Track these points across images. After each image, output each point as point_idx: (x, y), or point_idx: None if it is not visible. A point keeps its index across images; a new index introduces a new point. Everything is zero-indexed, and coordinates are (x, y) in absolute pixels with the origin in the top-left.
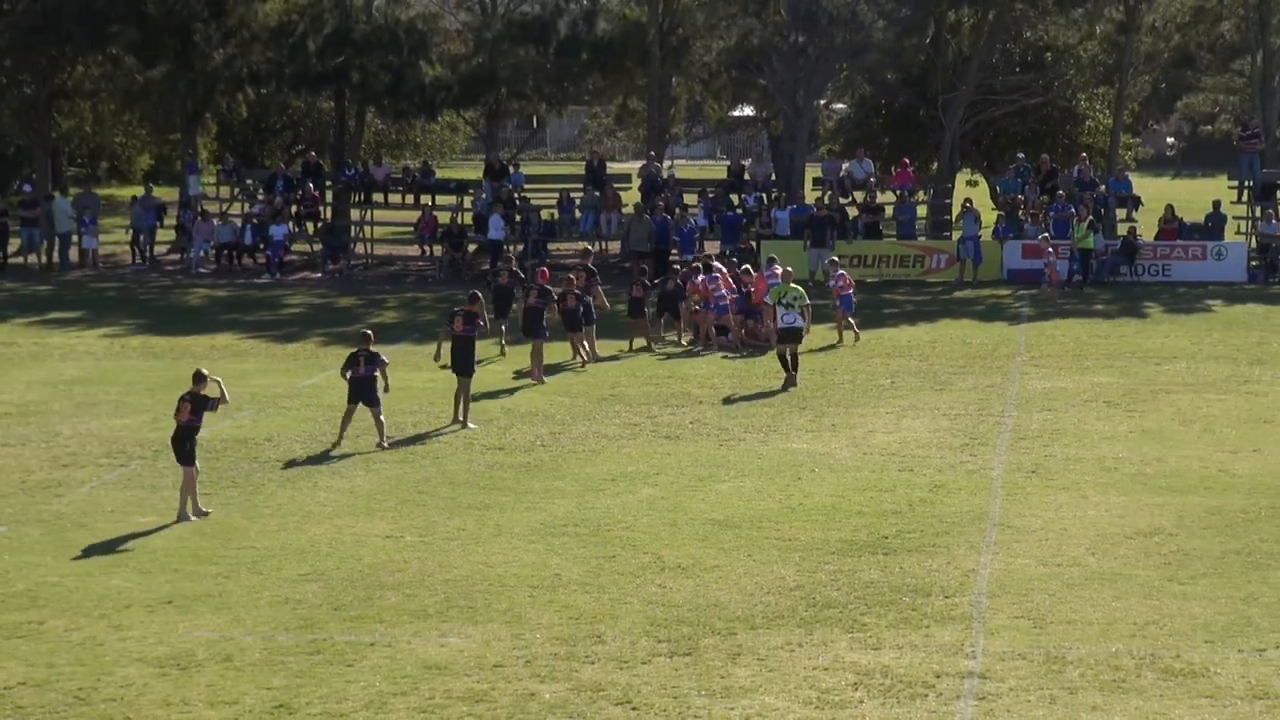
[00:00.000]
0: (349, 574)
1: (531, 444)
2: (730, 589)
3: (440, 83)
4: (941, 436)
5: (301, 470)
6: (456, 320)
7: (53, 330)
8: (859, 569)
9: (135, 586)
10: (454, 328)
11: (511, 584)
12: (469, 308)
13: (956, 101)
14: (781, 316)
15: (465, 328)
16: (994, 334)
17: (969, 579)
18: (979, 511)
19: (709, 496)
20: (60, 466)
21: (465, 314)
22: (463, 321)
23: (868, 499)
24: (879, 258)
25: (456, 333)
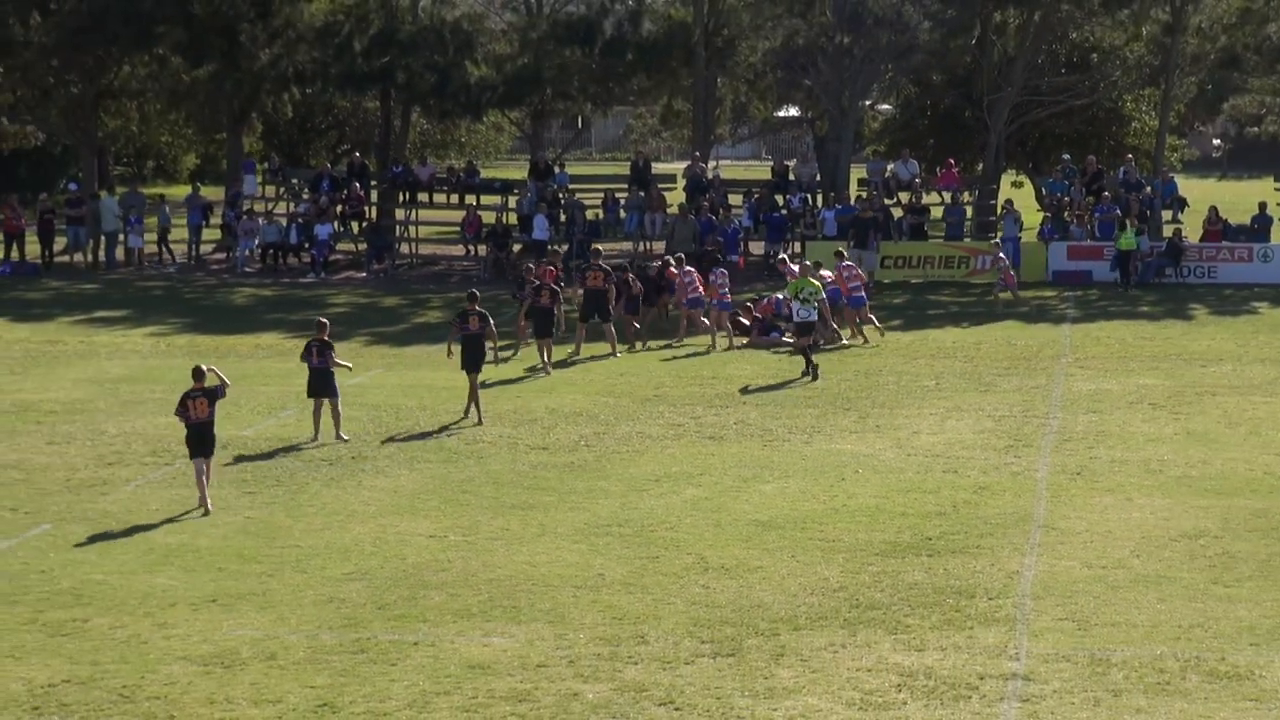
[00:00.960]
0: (393, 573)
1: (575, 444)
2: (774, 590)
3: (485, 83)
4: (986, 438)
5: (345, 469)
6: (472, 320)
7: (99, 329)
8: (903, 570)
9: (180, 585)
10: (469, 326)
11: (555, 584)
12: (474, 307)
13: (1002, 102)
14: (797, 311)
15: (480, 326)
16: (1039, 335)
17: (1013, 581)
18: (1023, 513)
19: (753, 497)
20: (105, 465)
21: (479, 314)
22: (479, 320)
23: (912, 500)
24: (924, 259)
25: (470, 331)
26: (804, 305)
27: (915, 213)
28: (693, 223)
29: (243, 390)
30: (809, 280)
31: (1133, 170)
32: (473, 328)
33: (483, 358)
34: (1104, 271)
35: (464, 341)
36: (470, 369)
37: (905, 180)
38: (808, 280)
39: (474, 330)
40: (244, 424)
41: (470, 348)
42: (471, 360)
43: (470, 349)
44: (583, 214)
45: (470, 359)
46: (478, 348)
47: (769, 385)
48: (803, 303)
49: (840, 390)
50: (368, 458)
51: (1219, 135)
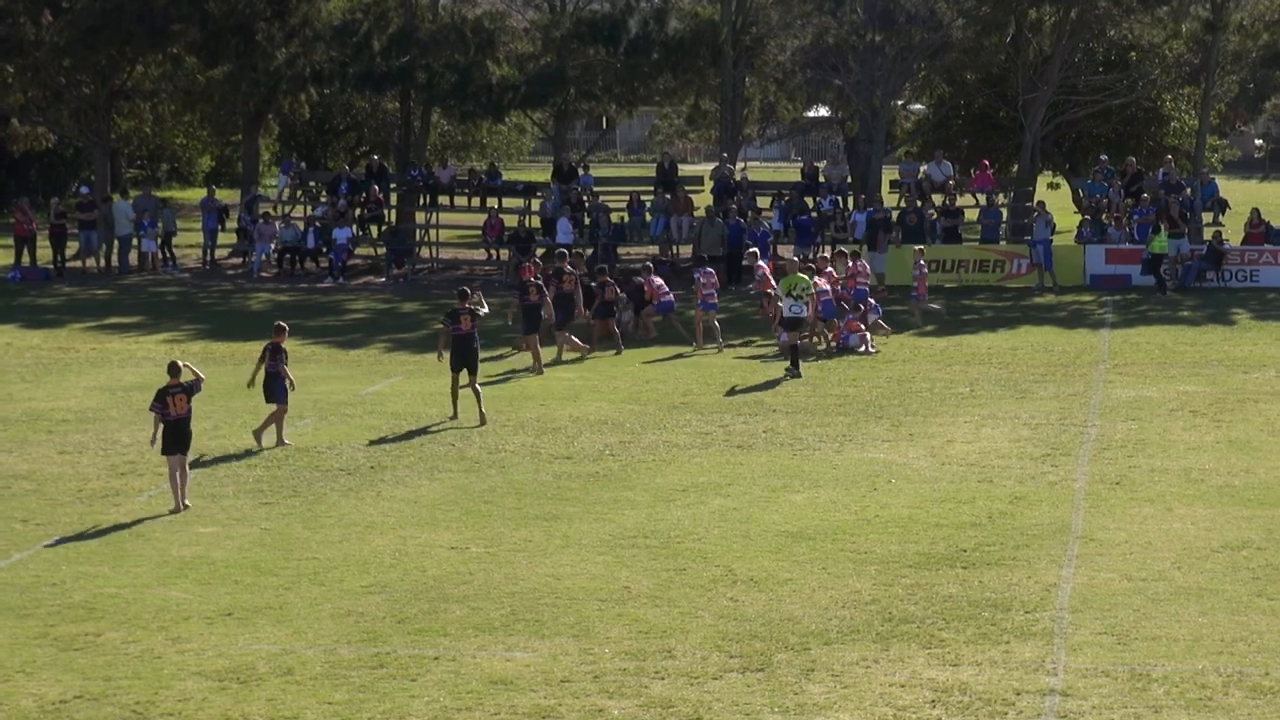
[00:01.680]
0: (413, 586)
1: (600, 453)
2: (804, 603)
3: (507, 83)
4: (1022, 446)
5: (364, 479)
6: (464, 320)
7: (111, 335)
8: (937, 583)
9: (194, 598)
10: (461, 327)
11: (579, 597)
12: (465, 305)
13: (1038, 102)
14: (789, 307)
15: (472, 325)
16: (1077, 341)
17: (1050, 593)
18: (1061, 524)
19: (782, 508)
20: (118, 475)
21: (470, 314)
22: (471, 320)
23: (946, 511)
24: (958, 262)
25: (462, 332)
26: (796, 301)
27: (949, 215)
28: (720, 225)
29: (259, 399)
30: (800, 276)
31: (1172, 171)
32: (464, 328)
33: (476, 358)
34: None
35: (456, 342)
36: (462, 370)
37: (939, 182)
38: (798, 277)
39: (466, 331)
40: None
41: (462, 349)
42: (463, 361)
43: (462, 350)
44: (607, 217)
45: (462, 360)
46: (470, 348)
47: (808, 394)
48: (795, 299)
49: (872, 398)
50: (387, 467)
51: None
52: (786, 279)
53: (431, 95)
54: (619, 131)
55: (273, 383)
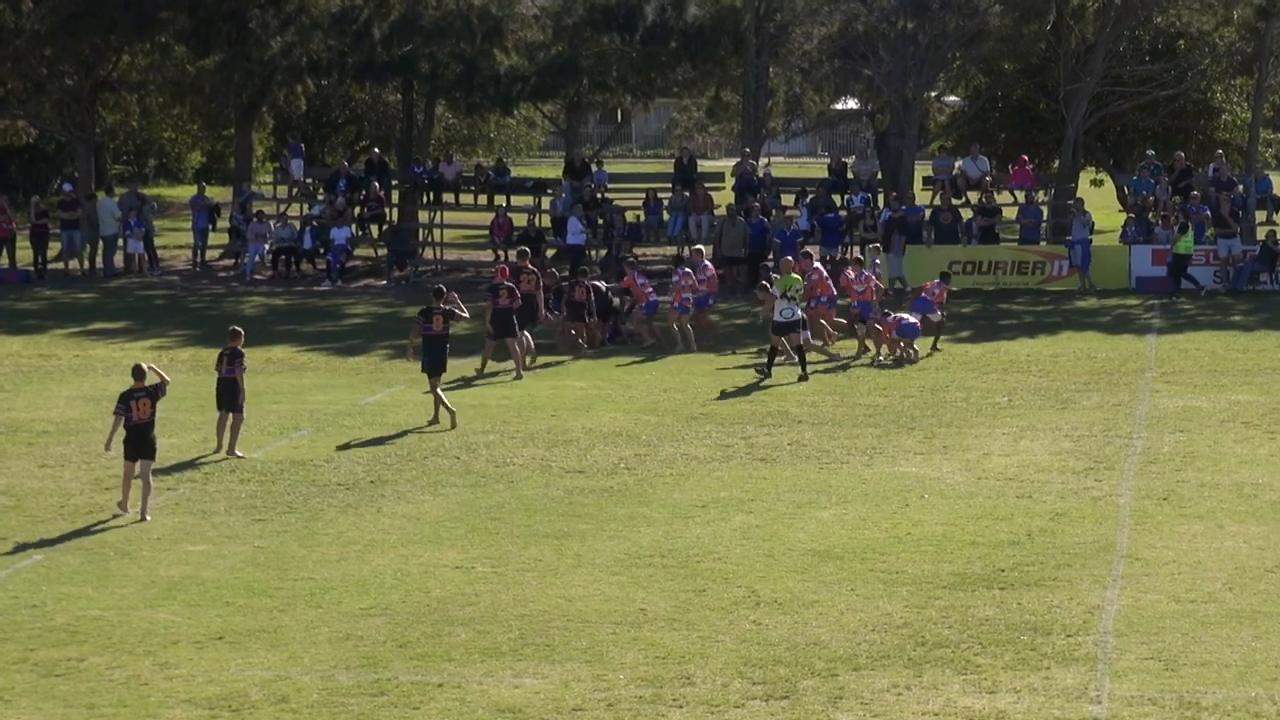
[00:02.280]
0: (415, 608)
1: (615, 467)
2: (831, 626)
3: (516, 73)
4: (1064, 460)
5: (364, 494)
6: (436, 319)
7: (95, 341)
8: (973, 605)
9: (183, 621)
10: (433, 327)
11: (592, 620)
12: (440, 304)
13: (1080, 93)
14: (781, 310)
15: (445, 326)
16: (1121, 347)
17: (1093, 616)
18: (1105, 542)
19: (808, 525)
20: (103, 490)
21: (444, 313)
22: (443, 320)
23: (982, 528)
24: (995, 264)
25: (433, 332)
26: (790, 304)
27: (985, 214)
28: (743, 225)
29: (252, 409)
30: (793, 277)
31: (1224, 167)
32: (436, 328)
33: (445, 359)
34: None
35: (426, 342)
36: (432, 371)
37: (974, 178)
38: (792, 277)
39: (438, 331)
40: (254, 445)
41: (433, 349)
42: (434, 362)
43: (432, 350)
44: (622, 216)
45: (432, 361)
46: (441, 349)
47: (835, 404)
48: (789, 301)
49: (904, 408)
50: (388, 482)
51: None
52: (782, 279)
53: (435, 86)
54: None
55: (229, 390)
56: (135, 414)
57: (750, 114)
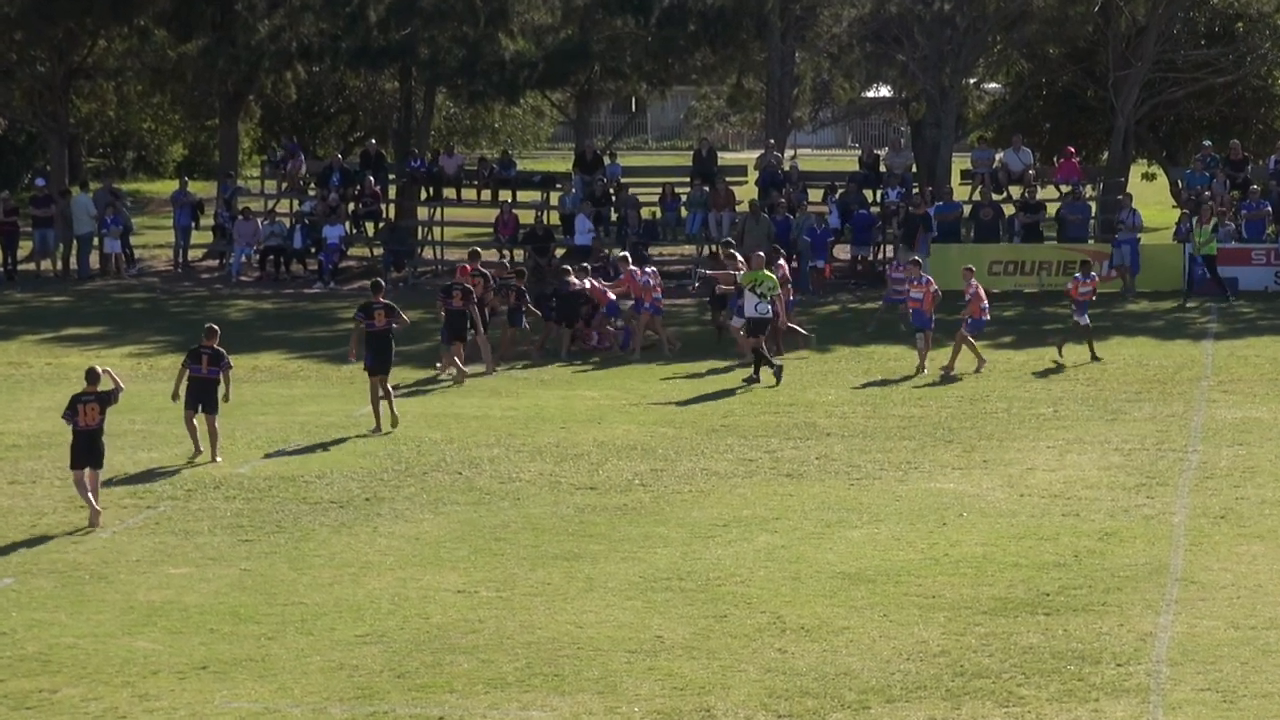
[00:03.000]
0: (414, 635)
1: (629, 483)
2: (863, 655)
3: (523, 59)
4: (1113, 475)
5: (358, 513)
6: (377, 315)
7: (69, 348)
8: (1015, 632)
9: (164, 649)
10: (375, 323)
11: (605, 647)
12: (379, 299)
13: (1130, 80)
14: (755, 306)
15: (388, 321)
16: (1175, 354)
17: (1145, 644)
18: (1158, 564)
19: (838, 546)
20: (77, 508)
21: (384, 308)
22: (385, 315)
23: (1026, 549)
24: (1039, 264)
25: (376, 328)
26: (761, 300)
27: (1029, 210)
28: (766, 222)
29: (239, 420)
30: (765, 273)
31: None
32: (379, 324)
33: (391, 357)
34: (1253, 278)
35: (369, 340)
36: (375, 371)
37: (1017, 172)
38: (763, 273)
39: (380, 327)
40: (240, 460)
41: (376, 346)
42: (378, 361)
43: (375, 348)
44: (636, 213)
45: (377, 359)
46: (385, 346)
47: (867, 415)
48: (760, 298)
49: (941, 419)
50: (385, 499)
51: None
52: (749, 274)
53: (435, 73)
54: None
55: (206, 389)
56: (83, 419)
57: (775, 103)
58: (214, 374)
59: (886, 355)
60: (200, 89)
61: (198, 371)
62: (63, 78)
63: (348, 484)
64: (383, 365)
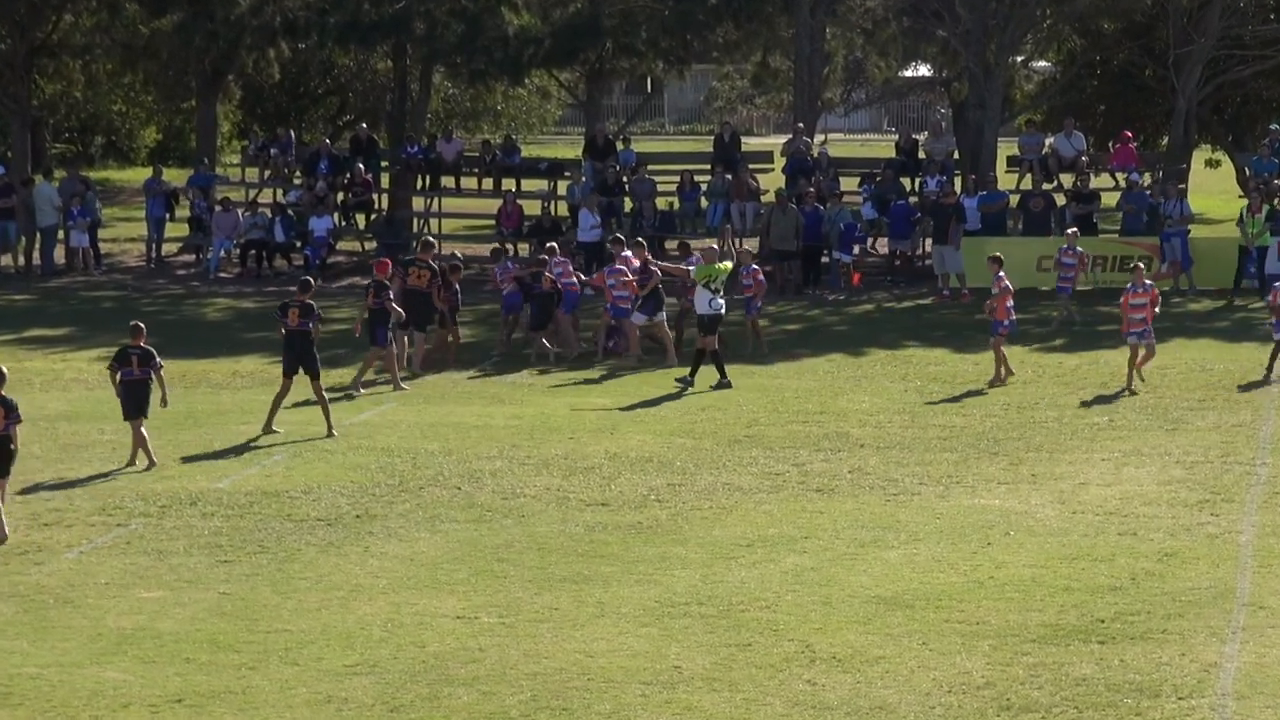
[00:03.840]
0: (409, 665)
1: (644, 499)
2: (900, 687)
3: (528, 35)
4: (1174, 490)
5: (348, 531)
6: (291, 314)
7: (32, 351)
8: (1067, 662)
9: (136, 680)
10: (289, 322)
11: (617, 679)
12: (300, 299)
13: (1193, 57)
14: (709, 301)
15: (302, 321)
16: (1242, 358)
17: (1210, 675)
18: (1223, 588)
19: (872, 567)
20: (41, 526)
21: (300, 307)
22: (299, 315)
23: (1078, 571)
24: (1093, 259)
25: (291, 328)
26: (715, 295)
27: (1081, 200)
28: (795, 214)
29: (218, 430)
30: (720, 266)
31: None
32: (292, 323)
33: (313, 358)
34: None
35: (285, 340)
36: (291, 372)
37: (1068, 158)
38: (718, 266)
39: (295, 327)
40: (218, 474)
41: (291, 346)
42: (295, 361)
43: (291, 347)
44: (652, 203)
45: (293, 360)
46: (303, 347)
47: (904, 424)
48: (714, 292)
49: (985, 429)
50: (377, 516)
51: None
52: (703, 268)
53: (432, 50)
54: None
55: (138, 391)
56: None
57: (803, 83)
58: (145, 375)
59: (926, 359)
60: (175, 68)
61: (129, 375)
62: (24, 56)
63: (337, 500)
64: (293, 366)
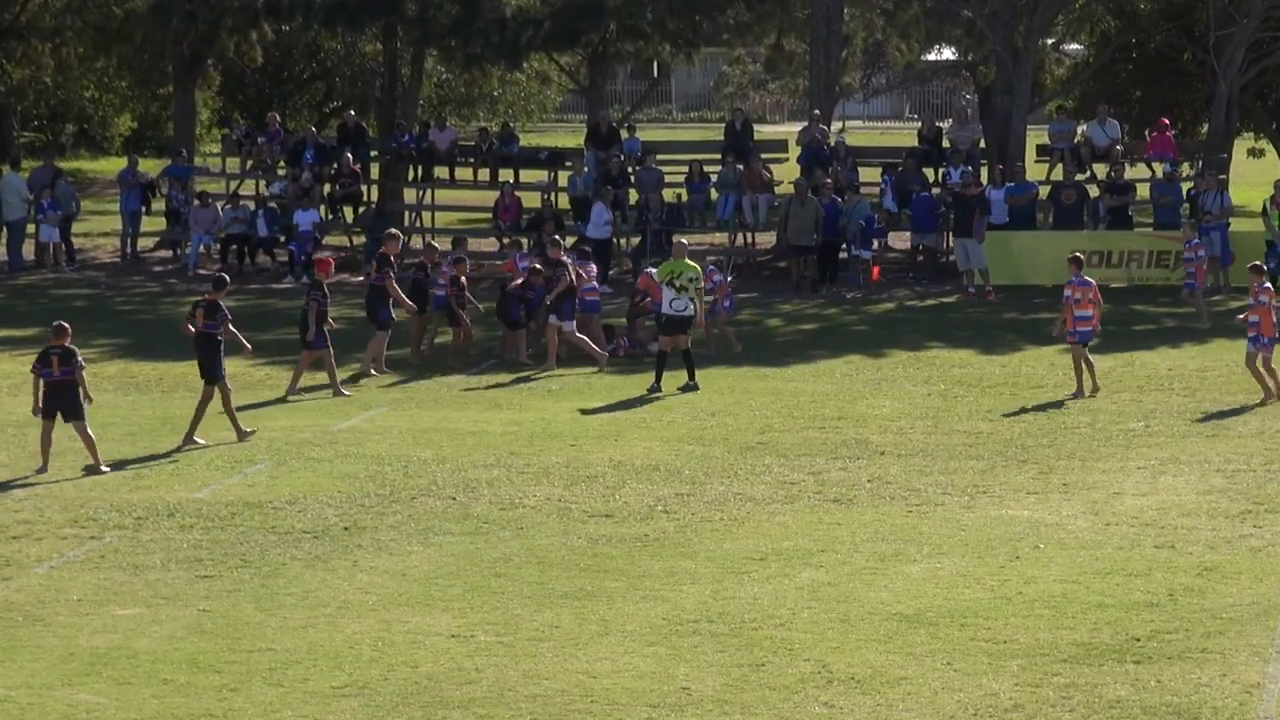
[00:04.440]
0: (400, 687)
1: (650, 510)
2: (923, 709)
3: (526, 16)
4: (1214, 500)
5: (336, 544)
6: (199, 313)
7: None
8: (1100, 683)
9: (111, 703)
10: (195, 320)
11: (622, 701)
12: (209, 297)
13: (1234, 40)
14: (670, 301)
15: (207, 323)
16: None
17: (1251, 697)
18: (1267, 604)
19: (893, 582)
20: (9, 539)
21: (206, 306)
22: (205, 314)
23: (1112, 586)
24: (1128, 254)
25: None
26: (679, 295)
27: (1116, 191)
28: (815, 205)
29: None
30: (686, 263)
31: None
32: (199, 323)
33: (219, 359)
34: None
35: (195, 341)
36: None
37: (1102, 147)
38: (684, 263)
39: (198, 328)
40: (198, 483)
41: (200, 349)
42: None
43: (200, 350)
44: (659, 195)
45: (199, 363)
46: (210, 348)
47: (928, 429)
48: (678, 291)
49: (1013, 435)
50: (366, 529)
51: None
52: (667, 265)
53: (425, 32)
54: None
55: (64, 392)
56: None
57: (819, 67)
58: (67, 374)
59: (950, 360)
60: (151, 51)
61: (49, 375)
62: None
63: (323, 511)
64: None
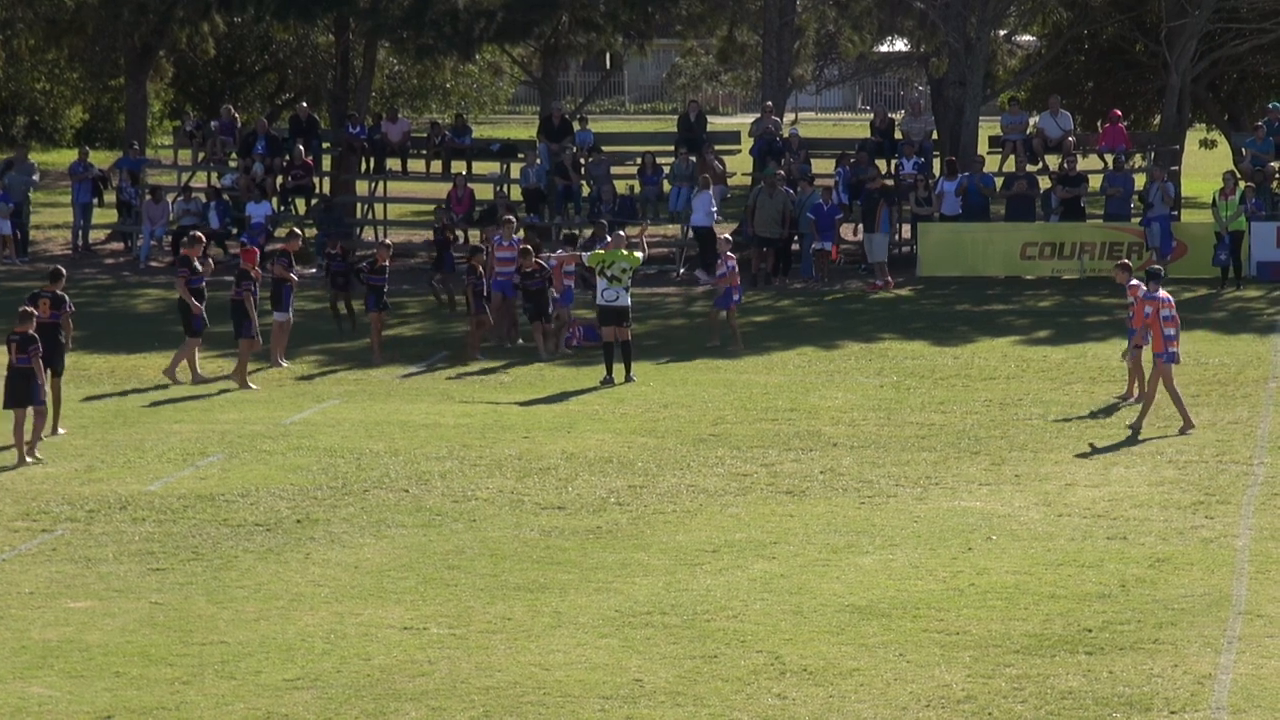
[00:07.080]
0: (353, 679)
1: (603, 502)
2: (875, 700)
3: (479, 8)
4: (1166, 492)
5: (288, 537)
6: (42, 304)
7: None
8: (1052, 674)
9: (63, 696)
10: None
11: (575, 693)
12: (50, 288)
13: (1186, 31)
14: (601, 291)
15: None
16: (1238, 350)
17: (1203, 687)
18: (1218, 595)
19: (846, 574)
20: None
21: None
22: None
23: (1064, 577)
24: (1080, 245)
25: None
26: (610, 284)
27: (1068, 183)
28: (783, 197)
29: (149, 429)
30: (620, 253)
31: None
32: (43, 314)
33: (61, 354)
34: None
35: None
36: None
37: (1054, 138)
38: (617, 252)
39: (45, 319)
40: (150, 475)
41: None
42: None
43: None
44: (611, 187)
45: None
46: (52, 342)
47: (880, 421)
48: (610, 281)
49: (966, 427)
50: (318, 521)
51: None
52: (597, 253)
53: (377, 24)
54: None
55: (24, 383)
56: None
57: (772, 58)
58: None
59: (903, 352)
60: (102, 43)
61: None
62: None
63: (275, 503)
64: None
